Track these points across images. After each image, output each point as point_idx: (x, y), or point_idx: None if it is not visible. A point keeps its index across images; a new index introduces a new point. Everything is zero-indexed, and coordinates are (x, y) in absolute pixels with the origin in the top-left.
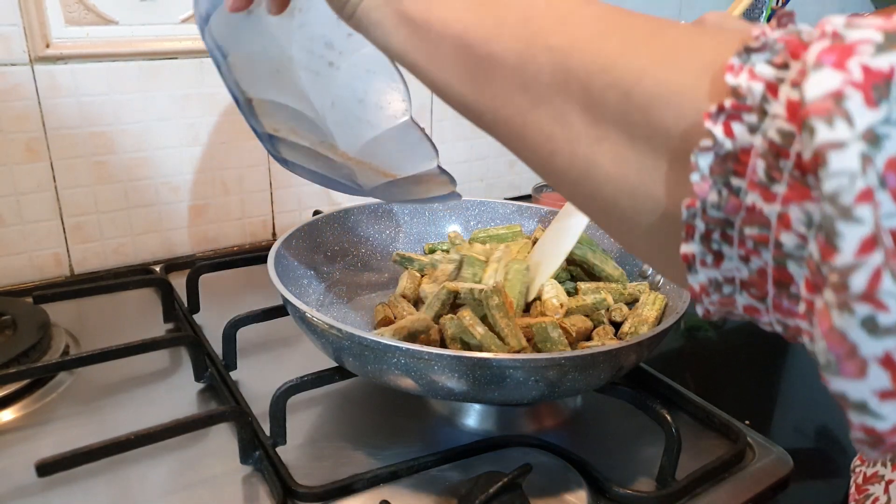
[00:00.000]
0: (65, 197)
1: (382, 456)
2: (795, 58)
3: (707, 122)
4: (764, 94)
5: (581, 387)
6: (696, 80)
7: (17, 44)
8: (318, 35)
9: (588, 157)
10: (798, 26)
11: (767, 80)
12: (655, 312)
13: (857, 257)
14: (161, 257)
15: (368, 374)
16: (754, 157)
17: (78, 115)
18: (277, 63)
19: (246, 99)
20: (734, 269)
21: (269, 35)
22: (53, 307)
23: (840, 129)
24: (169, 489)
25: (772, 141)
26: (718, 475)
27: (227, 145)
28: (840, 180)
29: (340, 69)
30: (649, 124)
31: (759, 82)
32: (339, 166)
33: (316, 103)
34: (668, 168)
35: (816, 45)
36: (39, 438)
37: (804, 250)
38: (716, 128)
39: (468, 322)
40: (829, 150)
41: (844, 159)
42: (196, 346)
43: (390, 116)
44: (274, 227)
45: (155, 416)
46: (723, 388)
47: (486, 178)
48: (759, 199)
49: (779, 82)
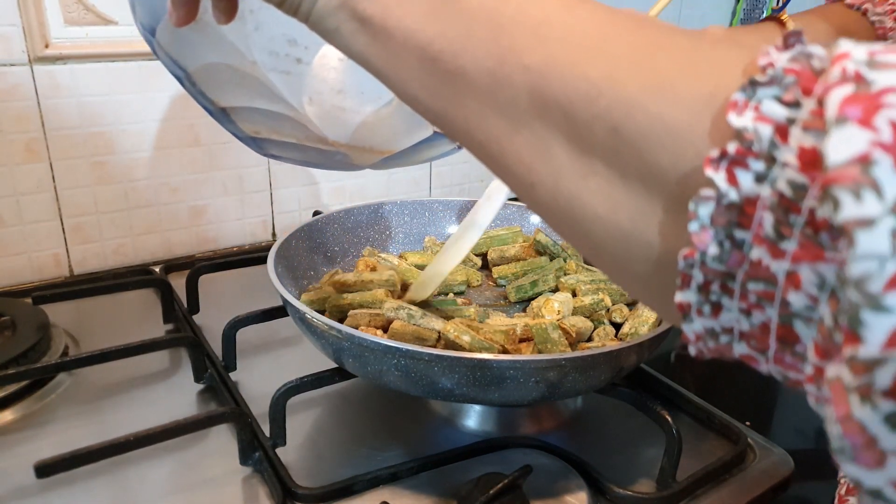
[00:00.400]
0: (64, 197)
1: (382, 457)
2: (807, 94)
3: (708, 170)
4: (772, 138)
5: (581, 388)
6: (694, 117)
7: (17, 44)
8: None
9: (573, 193)
10: (808, 49)
11: (777, 122)
12: (656, 314)
13: (885, 351)
14: (161, 258)
15: (368, 375)
16: (761, 209)
17: (77, 115)
18: (241, 69)
19: (218, 108)
20: (734, 321)
21: (226, 42)
22: (53, 308)
23: (869, 204)
24: (168, 490)
25: (781, 193)
26: (719, 476)
27: (226, 146)
28: (869, 264)
29: (311, 64)
30: (642, 164)
31: (768, 124)
32: (331, 153)
33: (293, 102)
34: (663, 213)
35: (838, 92)
36: (39, 439)
37: (814, 312)
38: (718, 175)
39: (454, 335)
40: (857, 227)
41: (874, 240)
42: (196, 346)
43: (374, 99)
44: (274, 227)
45: (154, 417)
46: (723, 388)
47: (486, 178)
48: (767, 254)
49: (789, 124)
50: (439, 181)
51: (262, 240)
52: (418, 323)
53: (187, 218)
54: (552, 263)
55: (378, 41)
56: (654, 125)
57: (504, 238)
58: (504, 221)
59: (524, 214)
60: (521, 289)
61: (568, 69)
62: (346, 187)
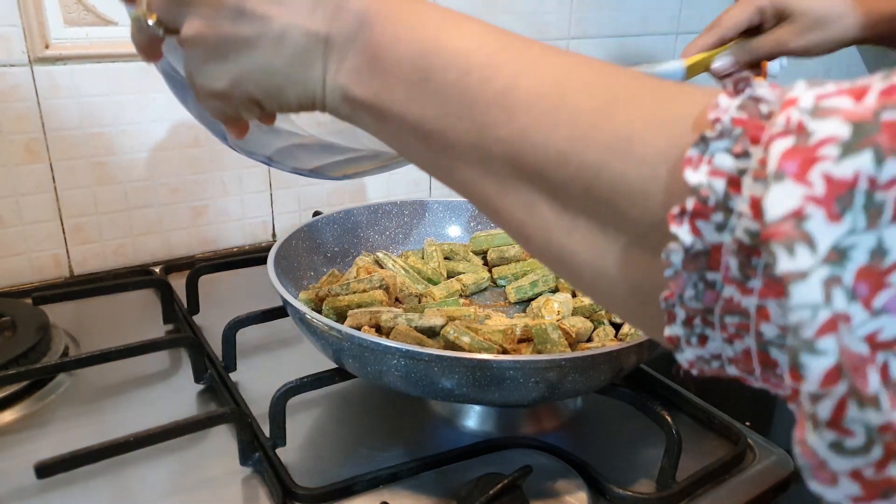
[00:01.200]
0: (64, 198)
1: (382, 457)
2: (755, 142)
3: (672, 225)
4: (726, 190)
5: (581, 388)
6: (654, 172)
7: (17, 44)
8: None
9: (563, 244)
10: (756, 92)
11: (729, 175)
12: None
13: (822, 388)
14: (161, 258)
15: (368, 376)
16: (725, 254)
17: (77, 115)
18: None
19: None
20: (719, 349)
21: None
22: (53, 308)
23: (801, 257)
24: (168, 491)
25: (740, 241)
26: (719, 476)
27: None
28: (802, 313)
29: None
30: (617, 217)
31: (720, 178)
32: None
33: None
34: (642, 256)
35: (779, 144)
36: (39, 440)
37: (785, 339)
38: (681, 230)
39: (453, 335)
40: (791, 280)
41: (806, 291)
42: (196, 347)
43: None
44: (274, 228)
45: (154, 418)
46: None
47: None
48: (737, 292)
49: (740, 175)
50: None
51: (262, 240)
52: (418, 325)
53: (187, 218)
54: None
55: (380, 122)
56: (619, 183)
57: (504, 238)
58: None
59: None
60: (521, 289)
61: (538, 138)
62: (346, 188)
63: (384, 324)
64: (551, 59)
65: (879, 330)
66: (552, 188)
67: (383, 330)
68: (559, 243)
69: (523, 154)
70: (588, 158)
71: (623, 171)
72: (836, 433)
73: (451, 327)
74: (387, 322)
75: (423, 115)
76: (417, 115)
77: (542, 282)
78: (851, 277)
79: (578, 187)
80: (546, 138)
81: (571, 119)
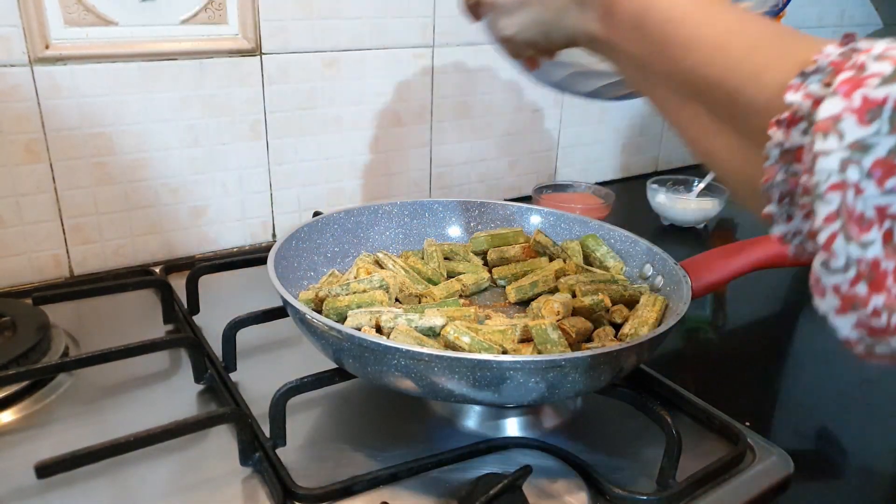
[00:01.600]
0: (64, 198)
1: (382, 457)
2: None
3: (772, 129)
4: (810, 108)
5: (581, 388)
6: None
7: (17, 45)
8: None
9: (711, 144)
10: (856, 44)
11: (815, 97)
12: (655, 314)
13: (823, 224)
14: (161, 258)
15: (368, 376)
16: (807, 151)
17: (78, 116)
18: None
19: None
20: (800, 225)
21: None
22: (53, 308)
23: (830, 142)
24: (168, 491)
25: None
26: (719, 477)
27: (226, 147)
28: (820, 176)
29: None
30: (746, 125)
31: (809, 99)
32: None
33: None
34: (756, 154)
35: (844, 75)
36: (39, 440)
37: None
38: (778, 133)
39: (454, 336)
40: (820, 156)
41: (826, 164)
42: (196, 347)
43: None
44: (274, 228)
45: (155, 418)
46: (723, 389)
47: (486, 179)
48: (806, 177)
49: (822, 98)
50: (439, 181)
51: (262, 240)
52: (418, 325)
53: (187, 218)
54: (552, 264)
55: (611, 54)
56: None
57: (505, 238)
58: (504, 222)
59: (525, 215)
60: (521, 289)
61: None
62: (345, 188)
63: (384, 324)
64: (725, 15)
65: (889, 205)
66: (710, 104)
67: (383, 330)
68: (709, 144)
69: (694, 80)
70: (733, 85)
71: (754, 95)
72: (826, 254)
73: (451, 327)
74: (387, 322)
75: (636, 51)
76: (634, 51)
77: (542, 282)
78: (870, 163)
79: (725, 104)
80: (708, 70)
81: (725, 58)
